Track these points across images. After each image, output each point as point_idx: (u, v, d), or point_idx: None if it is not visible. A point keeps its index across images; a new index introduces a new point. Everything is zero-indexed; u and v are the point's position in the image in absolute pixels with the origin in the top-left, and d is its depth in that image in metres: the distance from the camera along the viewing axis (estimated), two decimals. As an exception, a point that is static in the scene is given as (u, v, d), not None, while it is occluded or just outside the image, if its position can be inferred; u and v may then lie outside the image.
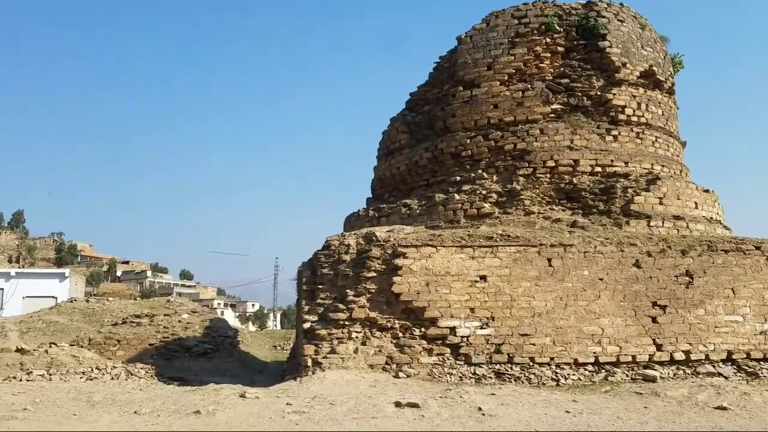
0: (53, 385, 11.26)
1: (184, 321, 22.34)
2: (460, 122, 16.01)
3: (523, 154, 15.06)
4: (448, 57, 17.07)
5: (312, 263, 13.11)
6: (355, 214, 17.41)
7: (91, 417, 9.18)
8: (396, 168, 17.24)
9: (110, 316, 27.32)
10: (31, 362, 12.96)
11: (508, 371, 11.66)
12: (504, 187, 14.66)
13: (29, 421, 8.89)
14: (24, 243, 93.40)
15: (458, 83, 16.35)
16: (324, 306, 12.27)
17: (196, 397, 10.21)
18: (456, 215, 14.36)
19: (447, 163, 15.86)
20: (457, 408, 9.39)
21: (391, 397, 9.87)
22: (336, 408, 9.33)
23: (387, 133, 18.26)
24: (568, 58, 16.23)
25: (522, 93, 15.64)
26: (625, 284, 12.51)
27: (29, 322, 26.96)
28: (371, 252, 12.43)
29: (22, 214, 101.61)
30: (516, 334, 11.96)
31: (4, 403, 9.69)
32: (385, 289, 12.15)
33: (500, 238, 12.54)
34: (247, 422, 8.81)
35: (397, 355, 11.78)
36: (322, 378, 11.25)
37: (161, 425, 8.69)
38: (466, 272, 12.18)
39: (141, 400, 10.28)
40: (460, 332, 11.90)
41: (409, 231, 13.30)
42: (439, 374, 11.58)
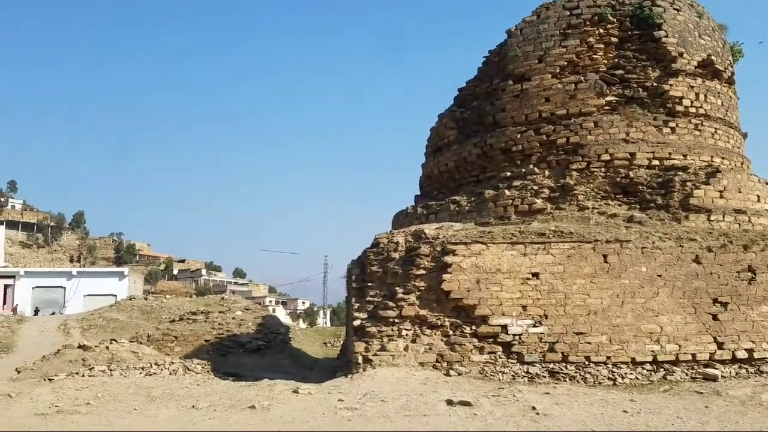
0: (114, 381, 11.61)
1: (237, 318, 22.78)
2: (510, 117, 15.75)
3: (576, 148, 14.70)
4: (497, 51, 16.81)
5: (361, 261, 13.15)
6: (403, 211, 17.38)
7: (151, 411, 9.45)
8: (444, 165, 17.11)
9: (167, 314, 28.22)
10: (93, 358, 13.39)
11: (563, 370, 11.46)
12: (556, 182, 14.36)
13: (92, 415, 9.21)
14: (85, 243, 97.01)
15: (508, 77, 16.08)
16: (374, 303, 12.30)
17: (251, 393, 10.38)
18: (506, 211, 14.15)
19: (497, 158, 15.63)
20: (511, 407, 9.27)
21: (443, 395, 9.83)
22: (387, 405, 9.34)
23: (435, 130, 18.14)
24: (622, 49, 15.78)
25: (575, 85, 15.28)
26: (685, 281, 12.13)
27: (90, 320, 28.09)
28: (420, 250, 12.39)
29: (83, 215, 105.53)
30: (570, 332, 11.74)
31: (68, 398, 10.06)
32: (434, 286, 12.10)
33: (553, 235, 12.32)
34: (301, 417, 8.92)
35: (448, 353, 11.72)
36: (372, 375, 11.29)
37: (218, 419, 8.88)
38: (518, 269, 12.02)
39: (198, 395, 10.51)
40: (512, 330, 11.75)
41: (459, 228, 13.19)
42: (491, 373, 11.47)
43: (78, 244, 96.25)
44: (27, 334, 24.61)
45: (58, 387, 10.69)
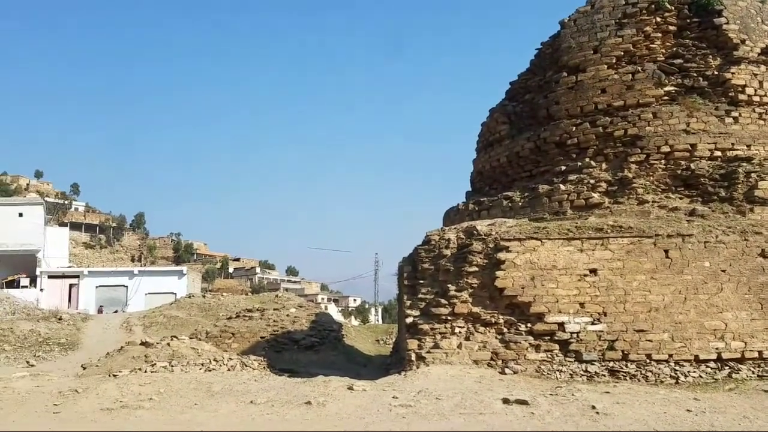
0: (175, 376, 11.96)
1: (291, 315, 23.10)
2: (564, 109, 15.41)
3: (634, 140, 14.28)
4: (550, 42, 16.51)
5: (412, 258, 13.14)
6: (454, 208, 17.26)
7: (211, 406, 9.69)
8: (496, 160, 16.90)
9: (224, 311, 28.86)
10: (155, 355, 13.81)
11: (623, 369, 11.22)
12: (614, 175, 13.99)
13: (155, 410, 9.50)
14: (145, 243, 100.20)
15: (562, 69, 15.76)
16: (425, 301, 12.28)
17: (306, 389, 10.52)
18: (562, 207, 13.86)
19: (551, 152, 15.32)
20: (569, 406, 9.10)
21: (499, 393, 9.73)
22: (442, 403, 9.31)
23: (486, 125, 17.93)
24: (680, 38, 15.31)
25: (632, 76, 14.85)
26: (750, 276, 11.70)
27: (152, 317, 29.00)
28: (472, 246, 12.29)
29: (143, 215, 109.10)
30: (631, 330, 11.46)
31: (132, 393, 10.41)
32: (487, 283, 11.99)
33: (611, 230, 12.04)
34: (356, 414, 8.99)
35: (503, 351, 11.60)
36: (426, 372, 11.28)
37: (276, 414, 9.04)
38: (575, 266, 11.79)
39: (256, 390, 10.72)
40: (570, 328, 11.55)
41: (512, 224, 13.02)
42: (548, 371, 11.30)
43: (138, 244, 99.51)
44: (91, 332, 25.58)
45: (122, 383, 11.08)
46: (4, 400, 10.27)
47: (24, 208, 39.52)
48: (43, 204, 42.54)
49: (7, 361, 20.12)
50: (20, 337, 22.84)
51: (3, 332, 22.87)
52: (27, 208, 39.44)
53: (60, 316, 27.46)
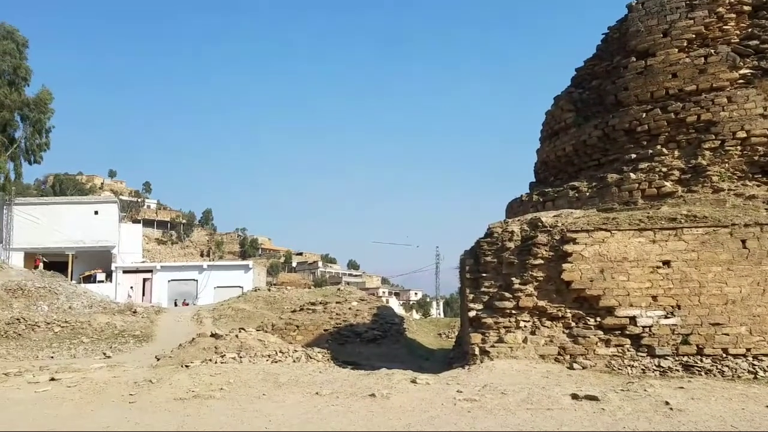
0: (244, 367, 12.25)
1: (353, 308, 23.30)
2: (633, 95, 14.85)
3: (708, 126, 13.63)
4: (618, 27, 15.96)
5: (474, 251, 12.99)
6: (517, 199, 16.94)
7: (279, 397, 9.88)
8: (561, 149, 16.45)
9: (289, 304, 29.41)
10: (224, 346, 14.17)
11: (698, 363, 10.88)
12: (687, 163, 13.40)
13: (225, 400, 9.76)
14: (213, 238, 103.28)
15: (630, 53, 15.18)
16: (489, 294, 12.13)
17: (370, 381, 10.57)
18: (632, 196, 13.39)
19: (620, 140, 14.80)
20: (641, 402, 8.81)
21: (567, 388, 9.51)
22: (508, 398, 9.17)
23: (551, 113, 17.48)
24: (756, 18, 14.58)
25: (704, 59, 14.18)
26: (837, 266, 10.99)
27: (220, 310, 29.85)
28: (537, 238, 12.06)
29: (211, 212, 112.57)
30: (706, 323, 11.06)
31: (203, 384, 10.73)
32: (553, 276, 11.76)
33: (685, 219, 11.60)
34: (420, 407, 8.97)
35: (570, 346, 11.37)
36: (490, 367, 11.16)
37: (341, 406, 9.12)
38: (647, 257, 11.41)
39: (321, 382, 10.86)
40: (641, 322, 11.21)
41: (579, 215, 12.68)
42: (619, 366, 11.02)
43: (207, 240, 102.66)
44: (164, 324, 26.56)
45: (194, 373, 11.43)
46: (83, 389, 10.76)
47: (99, 206, 41.30)
48: (117, 202, 44.39)
49: (85, 352, 21.15)
50: (97, 329, 23.96)
51: (81, 325, 24.04)
52: (102, 206, 41.21)
53: (134, 309, 28.64)
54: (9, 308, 25.60)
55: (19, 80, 30.62)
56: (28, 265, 36.89)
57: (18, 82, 30.56)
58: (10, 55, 29.98)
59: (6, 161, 30.80)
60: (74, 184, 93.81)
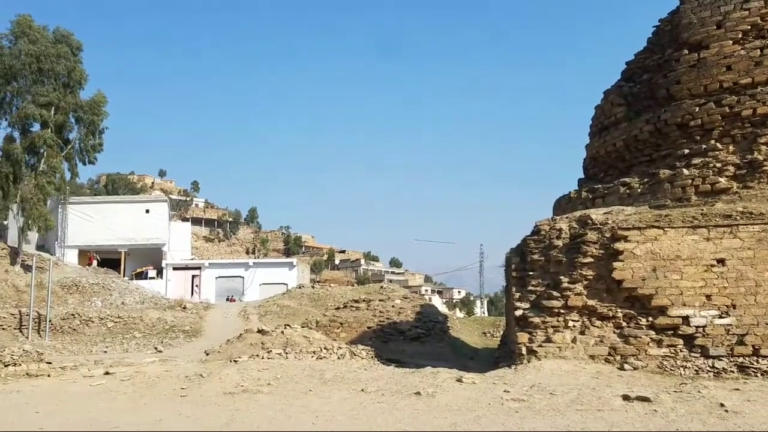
0: (290, 363, 12.40)
1: (396, 306, 23.34)
2: (686, 89, 14.39)
3: (764, 120, 13.15)
4: (669, 19, 15.51)
5: (521, 249, 12.84)
6: (565, 196, 16.63)
7: (325, 393, 9.95)
8: (612, 144, 16.07)
9: (332, 301, 29.67)
10: (270, 342, 14.39)
11: (754, 364, 10.60)
12: (743, 158, 12.94)
13: (273, 395, 9.88)
14: (258, 236, 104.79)
15: (682, 46, 14.74)
16: (536, 293, 11.99)
17: (415, 379, 10.55)
18: (685, 192, 13.00)
19: (672, 135, 14.37)
20: (695, 404, 8.58)
21: (618, 389, 9.32)
22: (557, 398, 9.03)
23: (600, 108, 17.09)
24: (816, 7, 13.86)
25: (760, 51, 13.66)
26: None
27: (266, 306, 30.31)
28: (587, 236, 11.84)
29: (256, 210, 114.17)
30: (762, 323, 10.77)
31: (252, 378, 10.89)
32: (603, 275, 11.55)
33: (741, 216, 11.25)
34: (466, 406, 8.91)
35: (621, 346, 11.16)
36: (538, 367, 11.02)
37: (386, 403, 9.13)
38: (700, 255, 11.11)
39: (366, 379, 10.90)
40: (695, 322, 10.94)
41: (630, 212, 12.40)
42: (671, 367, 10.78)
43: (252, 238, 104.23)
44: (212, 320, 27.13)
45: (242, 368, 11.62)
46: (136, 383, 11.06)
47: (150, 205, 42.36)
48: (167, 201, 45.44)
49: (137, 346, 21.78)
50: (149, 324, 24.64)
51: (133, 320, 24.76)
52: (153, 205, 42.26)
53: (184, 306, 29.33)
54: (64, 304, 26.55)
55: (74, 83, 31.61)
56: (83, 262, 38.13)
57: (72, 84, 31.57)
58: (65, 59, 30.94)
59: (61, 162, 31.75)
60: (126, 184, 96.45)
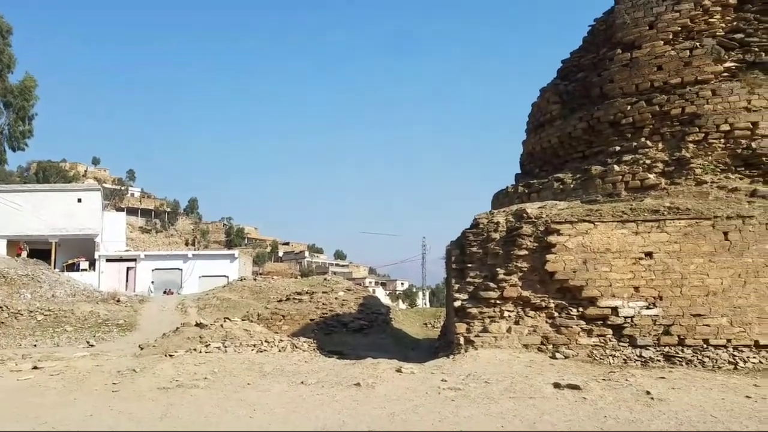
0: (229, 357, 12.24)
1: (340, 298, 23.34)
2: (619, 87, 14.92)
3: (692, 119, 13.73)
4: (604, 19, 16.01)
5: (460, 242, 13.05)
6: (503, 190, 17.01)
7: (263, 386, 9.88)
8: (547, 141, 16.52)
9: (275, 294, 29.41)
10: (209, 335, 14.14)
11: (679, 354, 10.99)
12: (671, 155, 13.51)
13: (210, 389, 9.75)
14: (198, 227, 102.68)
15: (616, 46, 15.25)
16: (474, 285, 12.20)
17: (355, 371, 10.61)
18: (616, 188, 13.49)
19: (604, 132, 14.88)
20: (623, 391, 8.93)
21: (549, 378, 9.61)
22: (491, 386, 9.25)
23: (537, 105, 17.54)
24: (741, 11, 14.66)
25: (689, 52, 14.27)
26: (816, 259, 11.17)
27: (205, 299, 29.77)
28: (522, 229, 12.13)
29: (196, 201, 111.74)
30: (687, 314, 11.18)
31: (187, 373, 10.70)
32: (537, 267, 11.84)
33: (668, 211, 11.70)
34: (405, 396, 9.03)
35: (553, 336, 11.47)
36: (475, 356, 11.24)
37: (326, 395, 9.15)
38: (629, 249, 11.52)
39: (306, 371, 10.89)
40: (623, 312, 11.33)
41: (563, 206, 12.76)
42: (601, 356, 11.13)
43: (192, 229, 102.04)
44: (148, 314, 26.42)
45: (178, 362, 11.40)
46: (66, 378, 10.69)
47: (82, 194, 40.85)
48: (100, 190, 43.90)
49: (68, 341, 21.02)
50: (80, 318, 23.78)
51: (64, 313, 23.86)
52: (85, 194, 40.77)
53: (118, 298, 28.48)
54: (-9, 296, 25.33)
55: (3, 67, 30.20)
56: (11, 252, 36.48)
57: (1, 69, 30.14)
58: (-8, 42, 29.62)
59: (-12, 148, 30.44)
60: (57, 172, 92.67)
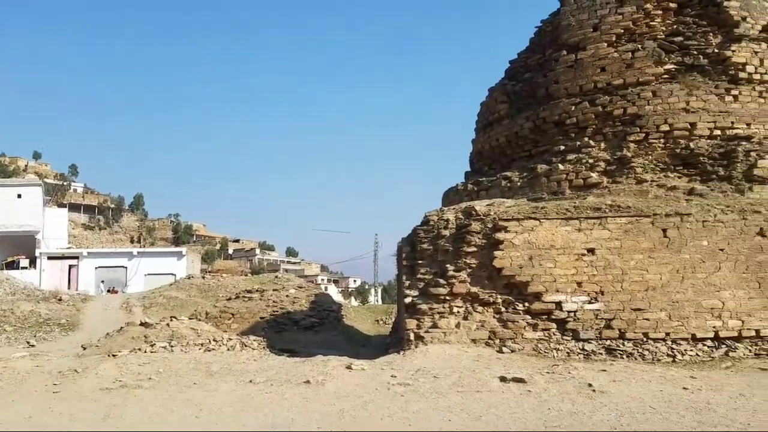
0: (175, 356, 12.01)
1: (291, 296, 23.18)
2: (563, 88, 15.31)
3: (633, 119, 14.20)
4: (550, 20, 16.37)
5: (411, 239, 13.14)
6: (453, 188, 17.22)
7: (210, 386, 9.74)
8: (495, 140, 16.82)
9: (224, 292, 29.01)
10: (154, 335, 13.85)
11: (620, 347, 11.30)
12: (613, 154, 13.93)
13: (154, 389, 9.55)
14: (144, 224, 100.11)
15: (562, 47, 15.62)
16: (424, 281, 12.31)
17: (305, 368, 10.57)
18: (560, 186, 13.83)
19: (550, 132, 15.24)
20: (566, 384, 9.17)
21: (496, 371, 9.79)
22: (440, 381, 9.37)
23: (485, 104, 17.82)
24: (681, 15, 15.19)
25: (631, 54, 14.72)
26: (749, 254, 11.73)
27: (151, 298, 29.13)
28: (471, 227, 12.30)
29: (142, 197, 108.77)
30: (628, 308, 11.53)
31: (131, 373, 10.46)
32: (486, 263, 12.03)
33: (610, 209, 12.05)
34: (355, 392, 9.05)
35: (500, 330, 11.67)
36: (424, 352, 11.34)
37: (275, 393, 9.09)
38: (573, 245, 11.81)
39: (255, 370, 10.78)
40: (567, 307, 11.61)
41: (510, 204, 13.00)
42: (545, 350, 11.38)
43: (138, 226, 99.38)
44: (91, 313, 25.68)
45: (121, 362, 11.13)
46: (4, 379, 10.32)
47: (23, 189, 39.44)
48: (41, 185, 42.43)
49: (8, 341, 20.22)
50: (20, 317, 22.93)
51: (3, 313, 22.97)
52: (25, 190, 39.37)
53: (60, 297, 27.57)
54: (-77, 297, 24.16)
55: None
56: (-55, 250, 34.93)
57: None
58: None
59: None
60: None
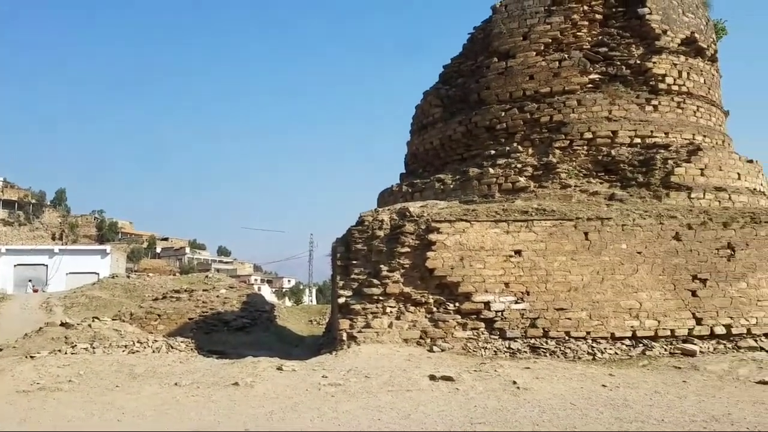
0: (97, 358, 11.59)
1: (222, 296, 22.73)
2: (494, 94, 15.71)
3: (559, 126, 14.72)
4: (482, 27, 16.70)
5: (346, 239, 13.15)
6: (388, 189, 17.35)
7: (134, 388, 9.46)
8: (429, 143, 17.08)
9: (151, 292, 28.14)
10: (75, 336, 13.33)
11: (544, 345, 11.61)
12: (540, 160, 14.40)
13: (74, 392, 9.20)
14: (66, 221, 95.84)
15: (493, 54, 16.00)
16: (358, 281, 12.33)
17: (234, 370, 10.41)
18: (490, 190, 14.18)
19: (481, 136, 15.62)
20: (492, 382, 9.39)
21: (426, 370, 9.92)
22: (371, 381, 9.43)
23: (420, 108, 18.06)
24: (606, 26, 15.76)
25: (558, 63, 15.25)
26: (665, 257, 12.27)
27: (73, 297, 27.96)
28: (405, 227, 12.41)
29: (64, 192, 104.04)
30: (551, 308, 11.88)
31: (50, 375, 10.03)
32: (419, 264, 12.15)
33: (536, 213, 12.39)
34: (285, 394, 8.98)
35: (432, 330, 11.82)
36: (357, 352, 11.36)
37: (201, 396, 8.90)
38: (501, 247, 12.09)
39: (181, 372, 10.53)
40: (495, 307, 11.87)
41: (443, 206, 13.21)
42: (474, 348, 11.58)
43: (60, 222, 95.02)
44: (9, 313, 24.43)
45: (40, 364, 10.65)
46: None
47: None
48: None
49: None
50: (-71, 319, 21.56)
51: None
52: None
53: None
54: None
55: None
56: None
57: None
58: None
59: None
60: None
